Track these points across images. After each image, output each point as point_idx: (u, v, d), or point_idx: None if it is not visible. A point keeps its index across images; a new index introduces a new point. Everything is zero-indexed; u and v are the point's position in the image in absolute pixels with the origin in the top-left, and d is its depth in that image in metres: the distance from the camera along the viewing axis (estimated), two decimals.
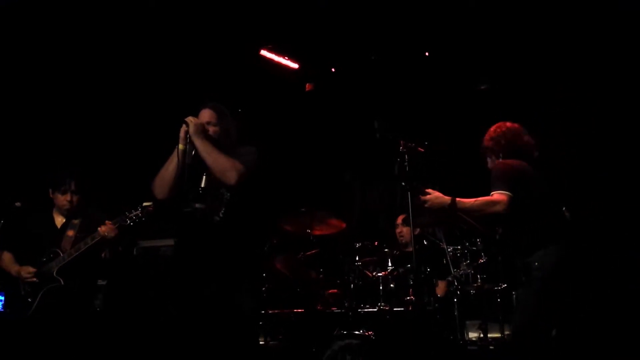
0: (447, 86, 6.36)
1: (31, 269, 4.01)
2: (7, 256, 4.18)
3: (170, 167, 3.32)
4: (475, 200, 3.42)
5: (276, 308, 5.27)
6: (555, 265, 3.32)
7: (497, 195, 3.36)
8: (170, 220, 3.98)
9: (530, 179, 3.48)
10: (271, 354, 5.00)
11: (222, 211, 3.29)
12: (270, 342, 5.08)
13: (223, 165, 3.20)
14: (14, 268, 4.08)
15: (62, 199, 4.20)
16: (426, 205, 3.49)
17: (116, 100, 6.16)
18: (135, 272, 5.47)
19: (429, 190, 3.50)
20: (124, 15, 5.41)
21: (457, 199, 3.43)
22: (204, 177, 3.28)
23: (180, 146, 3.25)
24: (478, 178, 3.66)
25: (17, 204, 4.18)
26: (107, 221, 4.02)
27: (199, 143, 3.21)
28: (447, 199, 3.44)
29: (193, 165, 3.22)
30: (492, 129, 3.74)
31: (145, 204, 3.98)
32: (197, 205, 3.23)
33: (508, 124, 3.71)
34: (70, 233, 4.17)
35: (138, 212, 3.99)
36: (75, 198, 4.20)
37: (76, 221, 4.23)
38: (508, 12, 5.50)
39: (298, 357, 4.85)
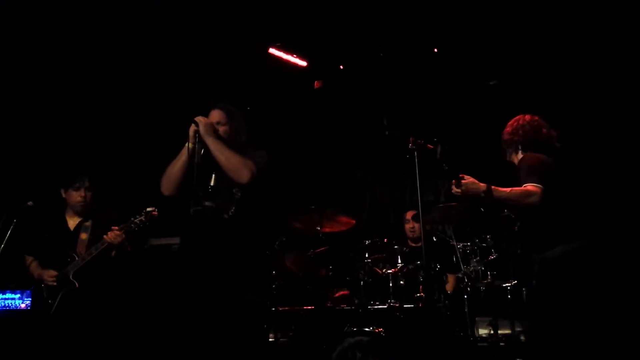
0: (456, 82, 6.34)
1: (53, 273, 4.22)
2: (31, 262, 4.38)
3: (178, 164, 3.35)
4: (511, 190, 3.40)
5: (286, 305, 5.28)
6: (574, 260, 3.30)
7: (531, 187, 3.34)
8: (180, 218, 4.03)
9: (553, 173, 3.47)
10: (281, 350, 5.01)
11: (232, 209, 3.31)
12: (281, 339, 5.09)
13: (236, 164, 3.22)
14: (37, 272, 4.31)
15: (76, 196, 4.32)
16: (461, 190, 3.46)
17: (125, 99, 6.19)
18: (145, 270, 5.50)
19: (464, 176, 3.48)
20: (132, 14, 5.42)
21: (493, 187, 3.41)
22: (213, 175, 3.30)
23: (190, 145, 3.27)
24: (488, 173, 3.64)
25: (29, 203, 4.32)
26: (113, 227, 4.15)
27: (210, 142, 3.22)
28: (483, 185, 3.42)
29: (202, 164, 3.24)
30: (512, 122, 3.71)
31: (148, 209, 4.11)
32: (206, 203, 3.26)
33: (528, 116, 3.68)
34: (84, 236, 4.33)
35: (142, 217, 4.12)
36: (88, 195, 4.35)
37: (88, 223, 4.37)
38: (516, 6, 5.47)
39: (308, 354, 4.85)
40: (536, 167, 3.45)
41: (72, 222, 4.41)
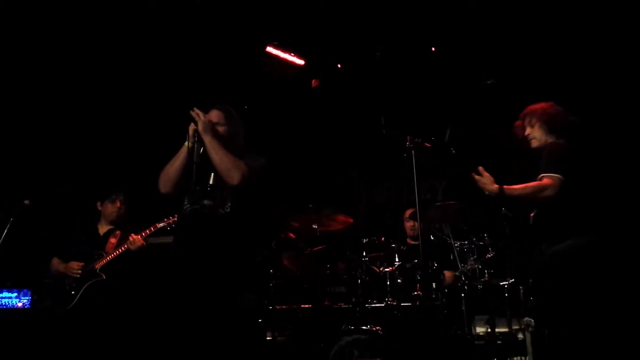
0: (453, 81, 6.35)
1: (78, 264, 4.55)
2: (55, 260, 4.69)
3: (176, 162, 3.35)
4: (525, 187, 3.39)
5: (284, 304, 5.28)
6: (584, 255, 3.29)
7: (547, 179, 3.33)
8: (179, 216, 4.02)
9: (574, 163, 3.45)
10: (279, 349, 5.01)
11: (228, 206, 3.31)
12: (278, 338, 5.09)
13: (228, 164, 3.23)
14: (61, 266, 4.61)
15: (112, 208, 4.79)
16: (478, 185, 3.46)
17: (123, 99, 6.18)
18: (142, 269, 5.50)
19: (482, 170, 3.46)
20: (130, 17, 5.42)
21: (505, 186, 3.40)
22: (212, 174, 3.30)
23: (189, 144, 3.27)
24: (488, 169, 3.63)
25: (26, 202, 4.58)
26: (132, 235, 4.52)
27: (207, 139, 3.23)
28: (496, 187, 3.42)
29: (201, 163, 3.24)
30: (539, 108, 3.68)
31: (171, 217, 4.45)
32: (205, 202, 3.26)
33: (548, 103, 3.69)
34: (113, 240, 4.73)
35: (164, 223, 4.47)
36: (123, 208, 4.81)
37: (118, 232, 4.75)
38: (513, 6, 5.48)
39: (306, 352, 4.86)
40: (556, 156, 3.42)
41: (103, 229, 4.81)
